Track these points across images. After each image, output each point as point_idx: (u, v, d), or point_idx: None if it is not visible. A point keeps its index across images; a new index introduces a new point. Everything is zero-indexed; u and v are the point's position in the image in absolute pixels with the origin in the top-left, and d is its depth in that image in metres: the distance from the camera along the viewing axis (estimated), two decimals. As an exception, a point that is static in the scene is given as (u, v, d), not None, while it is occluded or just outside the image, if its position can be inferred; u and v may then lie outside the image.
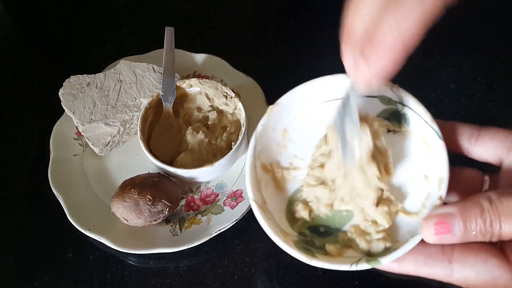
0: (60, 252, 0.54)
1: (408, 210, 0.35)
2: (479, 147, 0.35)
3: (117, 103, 0.60)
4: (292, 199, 0.38)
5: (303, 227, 0.37)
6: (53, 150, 0.58)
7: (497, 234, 0.28)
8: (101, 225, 0.53)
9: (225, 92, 0.58)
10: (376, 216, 0.35)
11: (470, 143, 0.35)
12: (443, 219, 0.29)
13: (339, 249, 0.35)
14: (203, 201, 0.56)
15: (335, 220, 0.37)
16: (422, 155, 0.36)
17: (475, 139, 0.35)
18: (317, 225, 0.37)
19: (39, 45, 0.74)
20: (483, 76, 0.66)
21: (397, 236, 0.34)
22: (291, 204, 0.38)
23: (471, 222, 0.28)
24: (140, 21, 0.76)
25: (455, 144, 0.36)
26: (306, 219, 0.37)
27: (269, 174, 0.39)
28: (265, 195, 0.37)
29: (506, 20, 0.72)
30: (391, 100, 0.38)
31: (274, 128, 0.40)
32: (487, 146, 0.34)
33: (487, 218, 0.28)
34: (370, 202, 0.35)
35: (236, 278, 0.52)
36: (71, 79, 0.62)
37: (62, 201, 0.54)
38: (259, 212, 0.35)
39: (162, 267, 0.53)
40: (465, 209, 0.29)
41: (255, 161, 0.37)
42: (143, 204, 0.49)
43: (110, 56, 0.66)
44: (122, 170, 0.58)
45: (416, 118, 0.37)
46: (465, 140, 0.35)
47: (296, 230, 0.36)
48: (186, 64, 0.66)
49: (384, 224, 0.34)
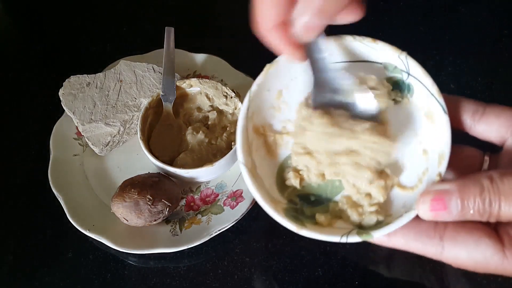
0: (60, 252, 0.54)
1: (404, 184, 0.34)
2: (483, 124, 0.33)
3: (117, 103, 0.60)
4: (283, 166, 0.36)
5: (293, 194, 0.35)
6: (53, 150, 0.58)
7: (495, 215, 0.27)
8: (101, 225, 0.53)
9: (225, 92, 0.58)
10: (371, 190, 0.34)
11: (474, 120, 0.33)
12: (440, 195, 0.28)
13: (329, 219, 0.34)
14: (203, 201, 0.56)
15: (327, 189, 0.35)
16: (423, 128, 0.34)
17: (480, 116, 0.33)
18: (308, 193, 0.35)
19: (39, 45, 0.74)
20: (483, 76, 0.66)
21: (390, 209, 0.33)
22: (281, 171, 0.36)
23: (469, 201, 0.27)
24: (140, 21, 0.76)
25: (458, 119, 0.34)
26: (297, 187, 0.35)
27: (261, 137, 0.37)
28: (255, 159, 0.35)
29: (506, 20, 0.72)
30: (396, 68, 0.36)
31: (269, 89, 0.38)
32: (491, 124, 0.33)
33: (486, 197, 0.27)
34: (365, 181, 0.34)
35: (236, 278, 0.52)
36: (71, 79, 0.62)
37: (62, 201, 0.54)
38: (248, 176, 0.33)
39: (162, 267, 0.53)
40: (464, 187, 0.28)
41: (247, 123, 0.35)
42: (143, 204, 0.49)
43: (110, 56, 0.66)
44: (122, 170, 0.58)
45: (421, 89, 0.35)
46: (469, 116, 0.34)
47: (286, 197, 0.35)
48: (186, 64, 0.66)
49: (379, 198, 0.33)
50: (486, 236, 0.29)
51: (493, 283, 0.50)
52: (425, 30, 0.71)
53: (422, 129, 0.35)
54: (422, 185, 0.32)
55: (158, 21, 0.73)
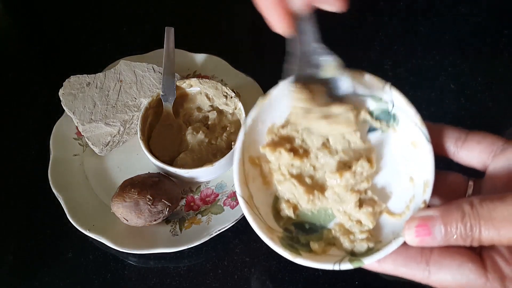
0: (60, 252, 0.54)
1: (392, 210, 0.35)
2: (465, 151, 0.35)
3: (117, 103, 0.60)
4: (278, 196, 0.38)
5: (289, 223, 0.36)
6: (53, 150, 0.58)
7: (477, 239, 0.28)
8: (101, 225, 0.53)
9: (225, 92, 0.58)
10: (360, 217, 0.35)
11: (457, 146, 0.35)
12: (424, 221, 0.29)
13: (323, 247, 0.35)
14: (203, 201, 0.56)
15: (320, 217, 0.37)
16: (409, 156, 0.36)
17: (462, 143, 0.35)
18: (302, 221, 0.37)
19: (39, 45, 0.74)
20: (483, 76, 0.66)
21: (380, 236, 0.35)
22: (276, 201, 0.37)
23: (452, 226, 0.28)
24: (140, 21, 0.76)
25: (442, 147, 0.35)
26: (292, 216, 0.37)
27: (257, 168, 0.38)
28: (252, 190, 0.36)
29: (506, 20, 0.72)
30: (382, 99, 0.37)
31: (264, 121, 0.38)
32: (473, 150, 0.34)
33: (467, 223, 0.28)
34: (352, 205, 0.35)
35: (236, 278, 0.52)
36: (71, 79, 0.62)
37: (62, 201, 0.54)
38: (246, 207, 0.35)
39: (162, 267, 0.53)
40: (446, 213, 0.29)
41: (244, 155, 0.37)
42: (143, 204, 0.49)
43: (110, 56, 0.66)
44: (122, 170, 0.58)
45: (405, 118, 0.36)
46: (452, 143, 0.35)
47: (281, 226, 0.36)
48: (186, 64, 0.66)
49: (368, 224, 0.35)
50: (469, 260, 0.30)
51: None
52: (425, 30, 0.71)
53: (408, 157, 0.36)
54: (409, 212, 0.33)
55: (158, 21, 0.73)
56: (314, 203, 0.36)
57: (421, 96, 0.64)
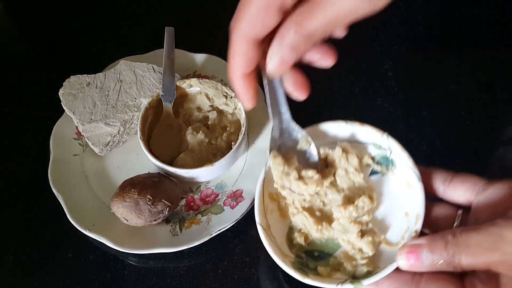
0: (60, 252, 0.54)
1: (390, 241, 0.41)
2: (452, 190, 0.39)
3: (117, 103, 0.60)
4: (292, 227, 0.44)
5: (300, 251, 0.42)
6: (53, 150, 0.58)
7: (459, 265, 0.32)
8: (101, 225, 0.53)
9: (225, 92, 0.58)
10: (361, 245, 0.40)
11: (444, 186, 0.40)
12: (414, 248, 0.34)
13: (329, 271, 0.40)
14: (203, 201, 0.56)
15: (328, 246, 0.43)
16: (405, 194, 0.42)
17: (448, 183, 0.39)
18: (312, 249, 0.43)
19: (39, 45, 0.74)
20: (483, 76, 0.66)
21: (379, 262, 0.40)
22: (290, 231, 0.43)
23: (436, 253, 0.33)
24: (140, 21, 0.76)
25: (431, 187, 0.40)
26: (303, 244, 0.43)
27: (275, 202, 0.44)
28: (270, 221, 0.42)
29: (506, 20, 0.72)
30: (381, 146, 0.44)
31: None
32: (458, 189, 0.39)
33: (450, 250, 0.32)
34: (354, 235, 0.41)
35: (236, 278, 0.52)
36: (71, 79, 0.62)
37: (62, 201, 0.54)
38: (264, 234, 0.40)
39: (162, 267, 0.53)
40: (433, 241, 0.33)
41: (264, 190, 0.43)
42: (143, 204, 0.49)
43: (110, 56, 0.66)
44: (122, 170, 0.58)
45: (401, 162, 0.42)
46: (440, 184, 0.40)
47: (293, 253, 0.42)
48: (186, 64, 0.66)
49: (368, 252, 0.40)
50: (453, 285, 0.35)
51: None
52: (425, 30, 0.71)
53: (404, 195, 0.42)
54: (404, 242, 0.39)
55: (158, 21, 0.73)
56: (322, 232, 0.42)
57: (421, 96, 0.64)
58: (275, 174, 0.41)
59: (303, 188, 0.40)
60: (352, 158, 0.42)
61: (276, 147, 0.41)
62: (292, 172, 0.40)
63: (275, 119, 0.40)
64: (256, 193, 0.42)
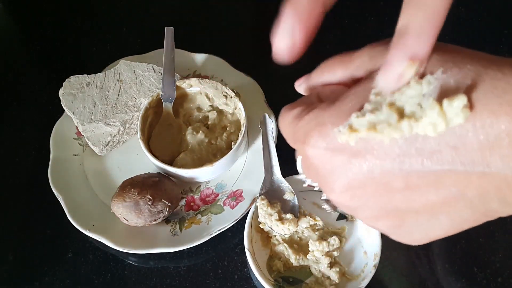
0: (60, 252, 0.54)
1: (351, 273, 0.50)
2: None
3: (117, 103, 0.60)
4: (271, 256, 0.51)
5: (278, 276, 0.49)
6: (53, 150, 0.58)
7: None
8: (101, 225, 0.53)
9: (225, 92, 0.58)
10: (330, 274, 0.49)
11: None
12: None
13: None
14: (203, 201, 0.56)
15: (301, 274, 0.50)
16: (365, 237, 0.51)
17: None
18: (288, 276, 0.50)
19: (39, 45, 0.74)
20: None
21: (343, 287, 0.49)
22: (270, 259, 0.51)
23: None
24: (140, 21, 0.76)
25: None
26: (281, 271, 0.50)
27: (259, 234, 0.51)
28: (255, 248, 0.50)
29: (506, 20, 0.72)
30: None
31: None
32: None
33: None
34: (325, 265, 0.49)
35: (236, 278, 0.52)
36: (71, 79, 0.62)
37: (62, 201, 0.54)
38: (251, 259, 0.48)
39: (162, 267, 0.53)
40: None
41: (253, 222, 0.50)
42: (143, 204, 0.49)
43: (110, 56, 0.66)
44: (122, 170, 0.58)
45: None
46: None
47: (273, 277, 0.49)
48: (186, 64, 0.66)
49: (335, 279, 0.48)
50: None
51: (492, 283, 0.50)
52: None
53: (364, 237, 0.51)
54: (363, 274, 0.48)
55: (158, 21, 0.73)
56: (298, 262, 0.50)
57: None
58: (260, 214, 0.49)
59: (281, 227, 0.48)
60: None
61: (264, 193, 0.51)
62: (274, 214, 0.48)
63: (267, 173, 0.52)
64: (246, 225, 0.50)
